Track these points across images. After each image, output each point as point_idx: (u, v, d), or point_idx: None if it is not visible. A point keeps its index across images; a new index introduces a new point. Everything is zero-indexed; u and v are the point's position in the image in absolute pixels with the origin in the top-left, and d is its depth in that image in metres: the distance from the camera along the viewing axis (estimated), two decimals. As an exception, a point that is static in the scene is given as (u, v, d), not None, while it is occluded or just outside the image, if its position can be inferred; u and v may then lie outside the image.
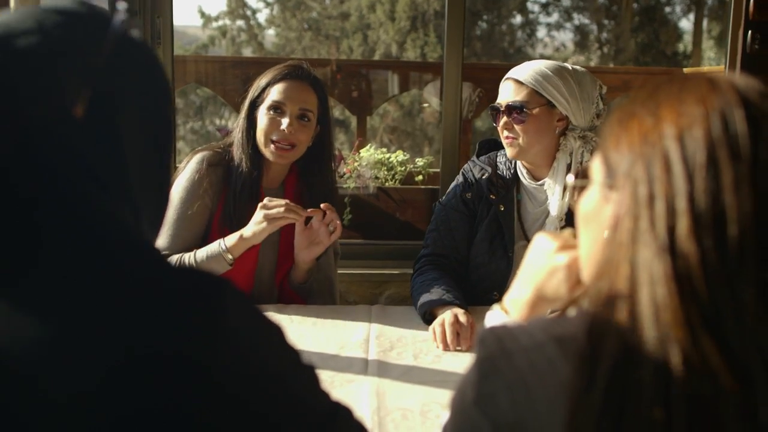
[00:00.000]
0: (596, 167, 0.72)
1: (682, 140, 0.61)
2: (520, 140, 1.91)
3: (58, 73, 0.69)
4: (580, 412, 0.59)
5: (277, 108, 1.98)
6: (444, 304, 1.78)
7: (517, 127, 1.91)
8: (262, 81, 2.03)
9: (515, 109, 1.90)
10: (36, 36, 0.69)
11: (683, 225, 0.59)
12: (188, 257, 1.91)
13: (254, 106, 2.01)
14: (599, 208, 0.71)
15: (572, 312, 0.70)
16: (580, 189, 0.77)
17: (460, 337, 1.66)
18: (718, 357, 0.56)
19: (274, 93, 1.99)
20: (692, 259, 0.58)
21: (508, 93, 1.93)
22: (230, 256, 1.88)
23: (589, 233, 0.75)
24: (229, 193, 1.99)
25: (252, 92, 2.03)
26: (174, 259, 1.91)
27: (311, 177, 2.08)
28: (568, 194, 0.80)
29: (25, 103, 0.67)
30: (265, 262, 2.05)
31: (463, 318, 1.69)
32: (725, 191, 0.58)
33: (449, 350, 1.65)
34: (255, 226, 1.86)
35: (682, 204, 0.59)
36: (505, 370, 0.65)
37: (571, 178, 0.82)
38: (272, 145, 1.97)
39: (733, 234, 0.58)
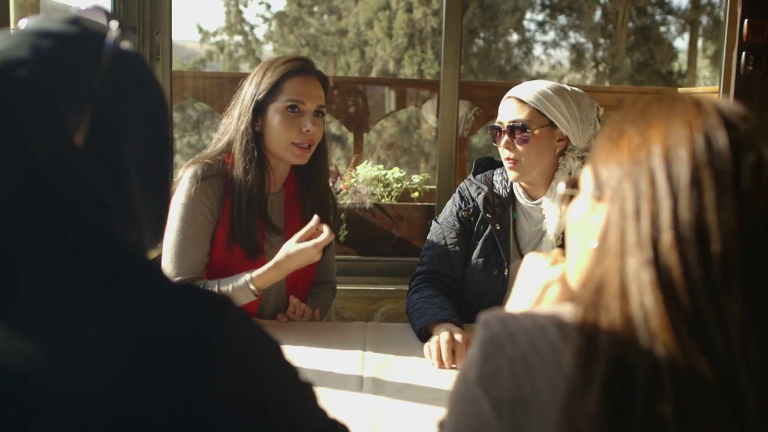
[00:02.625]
0: (586, 178, 0.76)
1: (668, 160, 0.65)
2: (523, 160, 1.90)
3: (57, 103, 0.69)
4: (579, 404, 0.62)
5: (295, 107, 1.86)
6: (439, 321, 1.78)
7: (519, 147, 1.89)
8: (269, 78, 1.88)
9: (518, 128, 1.89)
10: (32, 66, 0.68)
11: (666, 239, 0.63)
12: (211, 286, 1.84)
13: (260, 105, 1.87)
14: (587, 218, 0.75)
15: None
16: (570, 198, 0.82)
17: (455, 355, 1.66)
18: (705, 363, 0.60)
19: (290, 91, 1.86)
20: (675, 272, 0.62)
21: (510, 112, 1.92)
22: (254, 287, 1.81)
23: (576, 241, 0.79)
24: (234, 204, 1.87)
25: (256, 90, 1.88)
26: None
27: (309, 174, 1.99)
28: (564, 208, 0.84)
29: (25, 136, 0.66)
30: (271, 289, 1.96)
31: (458, 336, 1.69)
32: (707, 209, 0.62)
33: (444, 368, 1.65)
34: (301, 258, 1.79)
35: (666, 220, 0.63)
36: (508, 349, 0.68)
37: (562, 187, 0.86)
38: (293, 148, 1.87)
39: (716, 250, 0.61)
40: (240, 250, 1.89)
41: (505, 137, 1.91)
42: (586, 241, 0.75)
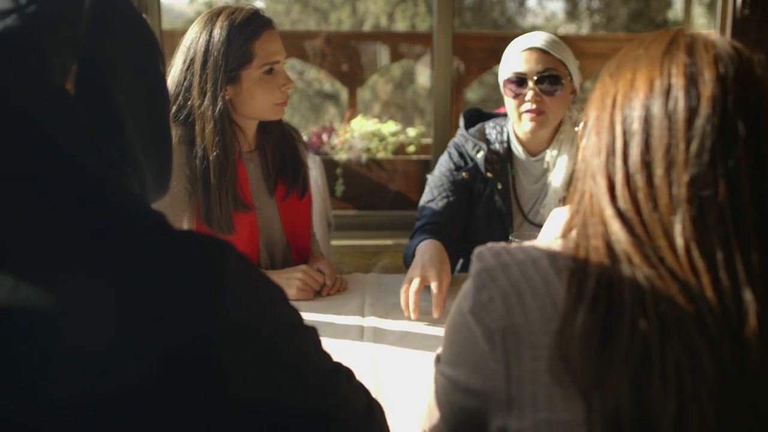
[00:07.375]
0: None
1: (625, 107, 0.69)
2: (549, 113, 1.83)
3: (42, 52, 0.68)
4: (569, 329, 0.65)
5: (272, 69, 1.75)
6: (422, 241, 1.76)
7: (548, 98, 1.82)
8: (237, 44, 1.71)
9: (550, 79, 1.81)
10: (13, 16, 0.67)
11: (619, 179, 0.68)
12: None
13: (232, 71, 1.72)
14: None
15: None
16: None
17: (433, 306, 1.61)
18: (675, 286, 0.64)
19: (263, 54, 1.73)
20: (629, 208, 0.67)
21: (535, 63, 1.82)
22: None
23: None
24: (200, 181, 1.74)
25: (221, 58, 1.70)
26: None
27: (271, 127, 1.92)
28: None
29: (13, 87, 0.66)
30: (275, 252, 1.95)
31: (434, 284, 1.61)
32: (654, 155, 0.66)
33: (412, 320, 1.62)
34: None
35: (618, 162, 0.68)
36: (500, 279, 0.71)
37: (581, 126, 0.87)
38: (276, 107, 1.79)
39: (663, 194, 0.65)
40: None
41: (533, 88, 1.82)
42: None
